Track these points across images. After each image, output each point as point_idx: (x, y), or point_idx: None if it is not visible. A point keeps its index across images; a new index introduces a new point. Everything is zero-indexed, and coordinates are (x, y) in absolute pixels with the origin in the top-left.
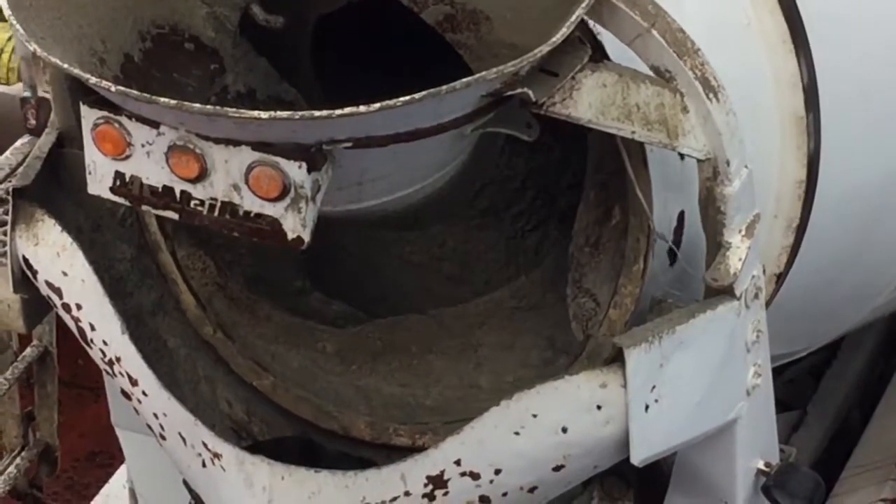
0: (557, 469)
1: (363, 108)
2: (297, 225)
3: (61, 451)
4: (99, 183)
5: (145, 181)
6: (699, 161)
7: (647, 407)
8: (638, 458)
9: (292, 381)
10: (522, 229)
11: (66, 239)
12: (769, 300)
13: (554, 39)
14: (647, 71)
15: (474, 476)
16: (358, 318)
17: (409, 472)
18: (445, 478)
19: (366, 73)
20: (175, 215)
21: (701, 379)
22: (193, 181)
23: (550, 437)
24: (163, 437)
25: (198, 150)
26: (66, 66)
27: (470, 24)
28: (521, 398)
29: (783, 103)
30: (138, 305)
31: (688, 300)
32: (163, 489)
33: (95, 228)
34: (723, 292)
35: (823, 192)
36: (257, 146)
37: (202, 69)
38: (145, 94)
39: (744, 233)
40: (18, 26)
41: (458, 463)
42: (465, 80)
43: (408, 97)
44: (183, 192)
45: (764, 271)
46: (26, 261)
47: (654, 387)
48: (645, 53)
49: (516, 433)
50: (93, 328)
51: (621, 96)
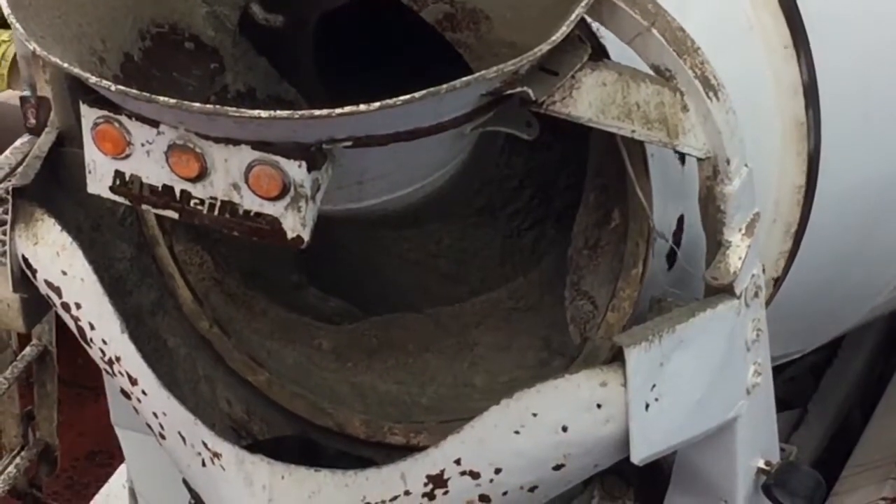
0: (557, 468)
1: (363, 107)
2: (296, 224)
3: (61, 450)
4: (99, 182)
5: (145, 180)
6: (699, 160)
7: (647, 406)
8: (638, 456)
9: (287, 377)
10: (519, 228)
11: (66, 238)
12: (767, 303)
13: (554, 38)
14: (647, 70)
15: (474, 475)
16: (354, 315)
17: (409, 471)
18: (445, 477)
19: (366, 72)
20: (175, 214)
21: (701, 377)
22: (193, 180)
23: (550, 436)
24: (162, 437)
25: (198, 150)
26: (65, 65)
27: (470, 22)
28: (522, 397)
29: (784, 108)
30: (138, 305)
31: (688, 299)
32: (162, 488)
33: (95, 228)
34: (723, 291)
35: (823, 191)
36: (257, 145)
37: (202, 68)
38: (145, 94)
39: (744, 231)
40: (18, 25)
41: (458, 462)
42: (464, 79)
43: (408, 96)
44: (183, 191)
45: (764, 270)
46: (26, 260)
47: (654, 385)
48: (645, 52)
49: (516, 432)
50: (92, 327)
51: (621, 95)
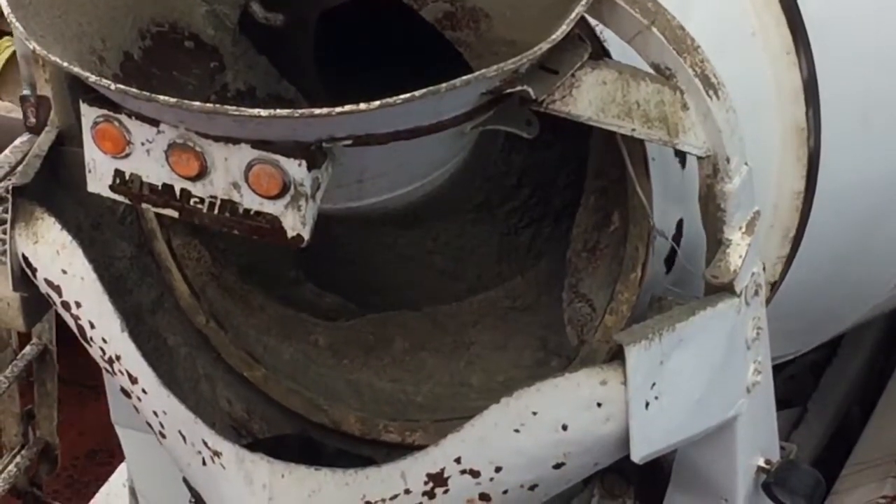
0: (558, 467)
1: (363, 105)
2: (296, 223)
3: (61, 449)
4: (99, 181)
5: (145, 179)
6: (699, 158)
7: (647, 404)
8: (638, 455)
9: (283, 373)
10: (516, 226)
11: (66, 237)
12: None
13: (554, 37)
14: (648, 68)
15: (474, 474)
16: (350, 311)
17: (409, 469)
18: (445, 476)
19: (367, 71)
20: (175, 213)
21: (701, 376)
22: (193, 179)
23: (550, 435)
24: (163, 436)
25: (197, 148)
26: (65, 64)
27: (469, 21)
28: (522, 395)
29: (784, 113)
30: (138, 303)
31: (688, 297)
32: (163, 487)
33: (95, 226)
34: (723, 289)
35: (824, 191)
36: (257, 144)
37: (202, 67)
38: (145, 93)
39: (744, 230)
40: (18, 24)
41: (458, 461)
42: (464, 77)
43: (407, 95)
44: (183, 190)
45: (764, 268)
46: (26, 259)
47: (654, 384)
48: (645, 51)
49: (516, 430)
50: (92, 326)
51: (621, 94)
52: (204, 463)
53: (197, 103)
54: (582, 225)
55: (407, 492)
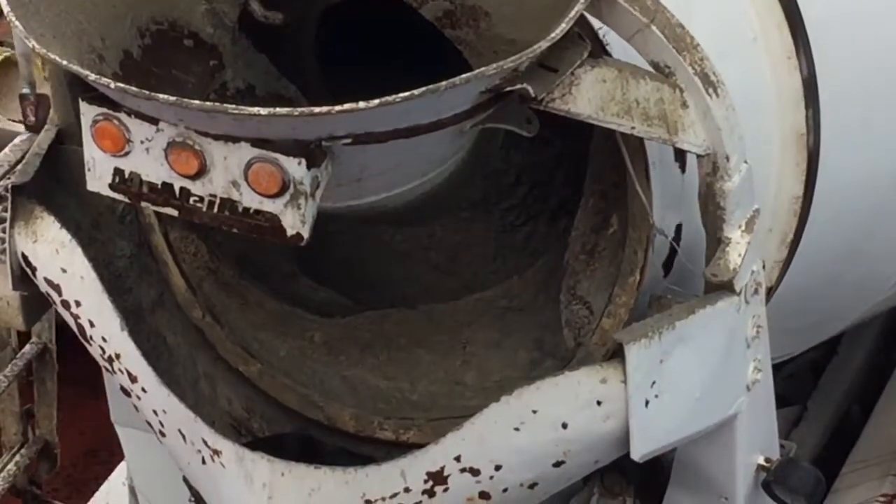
0: (558, 465)
1: (362, 104)
2: (296, 221)
3: (61, 447)
4: (98, 179)
5: (145, 178)
6: (699, 156)
7: (647, 402)
8: (638, 453)
9: (279, 369)
10: (512, 224)
11: (65, 236)
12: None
13: (553, 35)
14: (647, 66)
15: (474, 472)
16: (345, 307)
17: (409, 468)
18: (445, 474)
19: (367, 69)
20: (174, 212)
21: (701, 374)
22: (193, 178)
23: (550, 433)
24: (162, 434)
25: (197, 147)
26: (65, 62)
27: (469, 19)
28: (522, 394)
29: (785, 119)
30: (137, 302)
31: (687, 296)
32: (163, 486)
33: (94, 225)
34: (722, 288)
35: (824, 190)
36: (256, 143)
37: (201, 65)
38: (144, 91)
39: (743, 228)
40: (18, 23)
41: (458, 459)
42: (464, 76)
43: (407, 93)
44: (182, 188)
45: (764, 267)
46: (25, 258)
47: (654, 382)
48: (644, 49)
49: (516, 429)
50: (92, 325)
51: (621, 92)
52: (204, 462)
53: (196, 102)
54: (581, 227)
55: (407, 490)
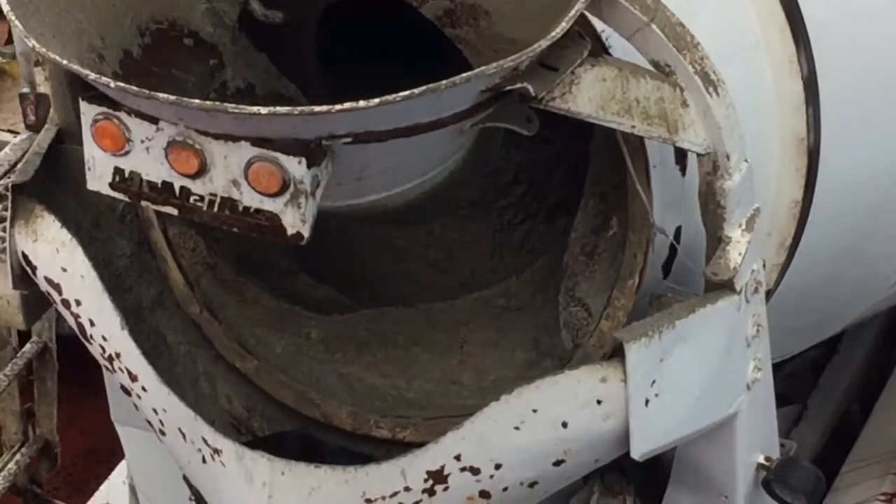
0: (558, 464)
1: (362, 103)
2: (296, 220)
3: (61, 447)
4: (98, 179)
5: (145, 177)
6: (699, 155)
7: (647, 401)
8: (638, 452)
9: (276, 365)
10: (510, 222)
11: (66, 235)
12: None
13: (553, 34)
14: (648, 65)
15: (474, 471)
16: (343, 304)
17: (409, 467)
18: (445, 473)
19: (367, 69)
20: (175, 211)
21: (701, 373)
22: (193, 177)
23: (550, 432)
24: (163, 433)
25: (197, 146)
26: (65, 62)
27: (469, 18)
28: (522, 393)
29: (785, 124)
30: (137, 301)
31: (688, 295)
32: (163, 485)
33: (95, 224)
34: (723, 286)
35: (824, 189)
36: (256, 142)
37: (201, 65)
38: (144, 90)
39: (744, 227)
40: (17, 22)
41: (458, 458)
42: (464, 75)
43: (407, 92)
44: (182, 187)
45: (764, 266)
46: (25, 257)
47: (654, 381)
48: (644, 48)
49: (516, 428)
50: (92, 324)
51: (621, 91)
52: (204, 461)
53: (196, 101)
54: (580, 229)
55: (407, 489)
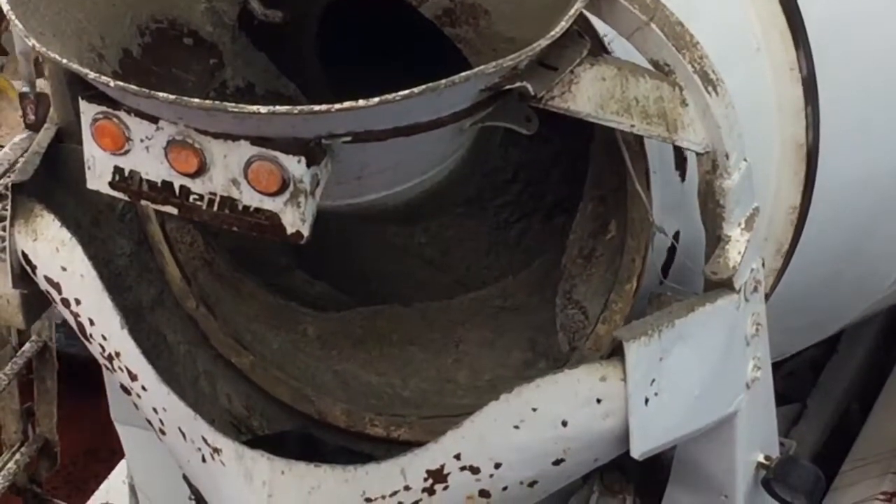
0: (557, 463)
1: (362, 102)
2: (296, 219)
3: (61, 446)
4: (98, 178)
5: (144, 176)
6: (698, 154)
7: (646, 400)
8: (638, 451)
9: (271, 361)
10: (507, 220)
11: (65, 234)
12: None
13: (553, 33)
14: (647, 65)
15: (474, 470)
16: (340, 301)
17: (409, 466)
18: (445, 472)
19: (367, 68)
20: (174, 210)
21: (700, 372)
22: (192, 176)
23: (550, 431)
24: (162, 433)
25: (197, 145)
26: (65, 61)
27: (469, 17)
28: (522, 392)
29: (784, 129)
30: (137, 300)
31: (687, 293)
32: (163, 484)
33: (94, 223)
34: (722, 285)
35: (824, 188)
36: (256, 141)
37: (201, 64)
38: (144, 89)
39: (743, 226)
40: (17, 22)
41: (457, 457)
42: (463, 74)
43: (406, 91)
44: (182, 186)
45: (763, 265)
46: (25, 256)
47: (653, 380)
48: (644, 47)
49: (516, 427)
50: (92, 323)
51: (620, 90)
52: (204, 460)
53: (196, 100)
54: (578, 231)
55: (407, 488)
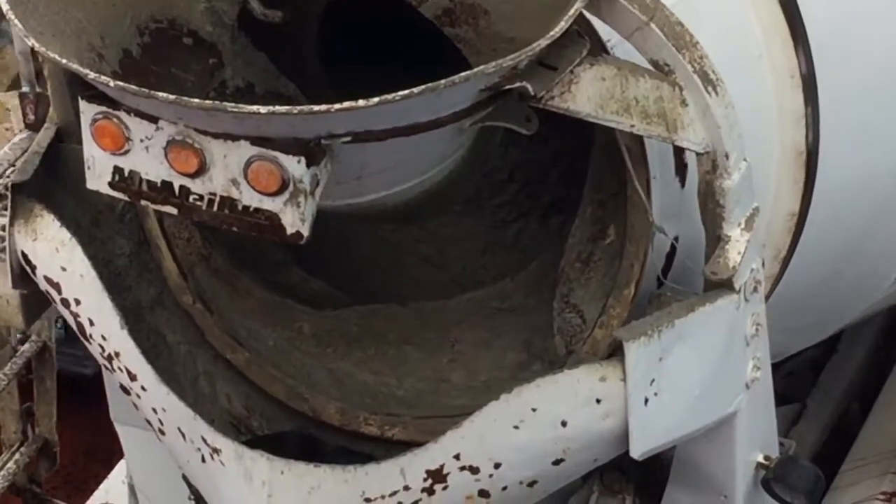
0: (557, 463)
1: (361, 102)
2: (296, 219)
3: (60, 446)
4: (98, 178)
5: (144, 176)
6: (698, 154)
7: (646, 400)
8: (637, 451)
9: (267, 359)
10: (503, 220)
11: (65, 234)
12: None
13: (552, 33)
14: (647, 65)
15: (474, 470)
16: (336, 299)
17: (409, 466)
18: (445, 472)
19: (367, 68)
20: (174, 210)
21: (700, 372)
22: (192, 176)
23: (550, 431)
24: (162, 433)
25: (196, 145)
26: (64, 61)
27: (469, 17)
28: (521, 392)
29: (785, 136)
30: (137, 300)
31: (687, 293)
32: (162, 484)
33: (94, 223)
34: (722, 286)
35: (824, 189)
36: (256, 141)
37: (201, 64)
38: (144, 89)
39: (743, 226)
40: (17, 22)
41: (457, 457)
42: (463, 74)
43: (406, 91)
44: (182, 186)
45: (763, 265)
46: (25, 256)
47: (653, 380)
48: (644, 47)
49: (516, 427)
50: (92, 323)
51: (620, 90)
52: (203, 460)
53: (196, 100)
54: (577, 235)
55: (406, 488)
